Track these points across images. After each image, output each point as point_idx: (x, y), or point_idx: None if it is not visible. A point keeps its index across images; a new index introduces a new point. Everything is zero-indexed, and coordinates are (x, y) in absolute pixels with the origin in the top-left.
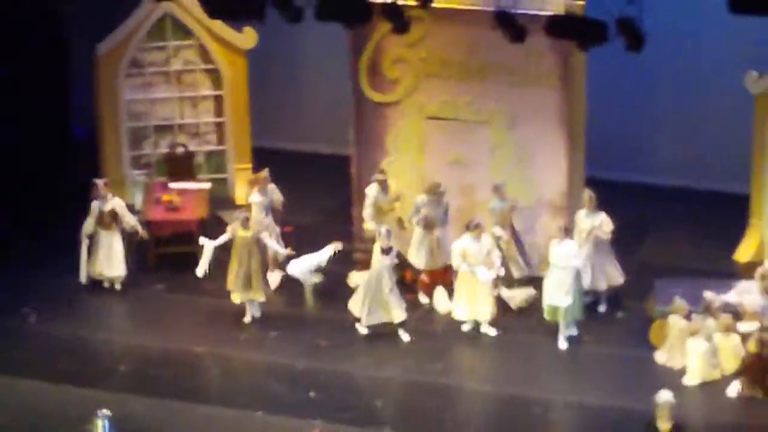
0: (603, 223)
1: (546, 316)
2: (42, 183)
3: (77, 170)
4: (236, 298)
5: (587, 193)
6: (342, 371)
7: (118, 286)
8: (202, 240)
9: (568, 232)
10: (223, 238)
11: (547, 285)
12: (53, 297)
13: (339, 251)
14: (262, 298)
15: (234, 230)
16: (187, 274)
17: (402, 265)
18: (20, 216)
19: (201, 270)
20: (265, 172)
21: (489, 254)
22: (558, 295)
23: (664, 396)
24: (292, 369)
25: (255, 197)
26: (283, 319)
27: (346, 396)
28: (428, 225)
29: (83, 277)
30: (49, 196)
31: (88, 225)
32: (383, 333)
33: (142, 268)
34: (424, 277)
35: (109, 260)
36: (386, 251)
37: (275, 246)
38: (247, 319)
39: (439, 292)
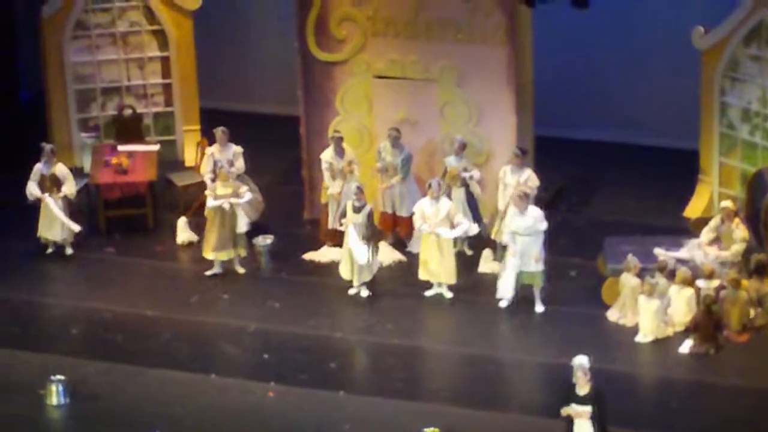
0: (529, 179)
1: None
2: None
3: (25, 135)
4: (222, 256)
5: (513, 150)
6: (296, 333)
7: (69, 251)
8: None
9: (527, 198)
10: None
11: (515, 254)
12: (2, 261)
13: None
14: (243, 253)
15: (213, 190)
16: (137, 237)
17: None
18: None
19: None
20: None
21: (448, 216)
22: (529, 261)
23: (578, 361)
24: (245, 331)
25: (211, 150)
26: (235, 281)
27: (300, 358)
28: (387, 171)
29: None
30: None
31: (32, 187)
32: (337, 294)
33: (92, 232)
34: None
35: (50, 224)
36: (358, 210)
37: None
38: (210, 272)
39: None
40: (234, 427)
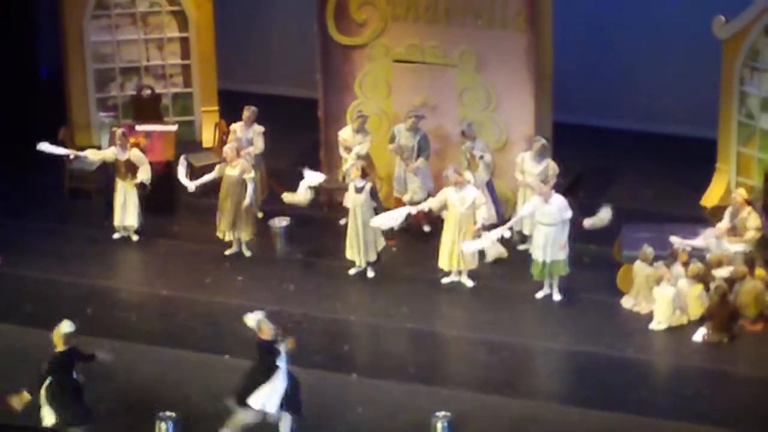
0: (549, 167)
1: (534, 274)
2: (9, 125)
3: (44, 113)
4: (225, 235)
5: (539, 139)
6: (310, 315)
7: (135, 237)
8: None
9: (551, 185)
10: (209, 177)
11: (537, 242)
12: (19, 240)
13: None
14: (247, 237)
15: (221, 169)
16: (152, 216)
17: None
18: None
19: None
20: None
21: (472, 207)
22: (553, 250)
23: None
24: None
25: (235, 127)
26: (250, 262)
27: (314, 340)
28: (401, 154)
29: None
30: (16, 139)
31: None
32: (352, 277)
33: (108, 210)
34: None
35: (124, 210)
36: (359, 190)
37: (250, 193)
38: (228, 251)
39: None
40: None
